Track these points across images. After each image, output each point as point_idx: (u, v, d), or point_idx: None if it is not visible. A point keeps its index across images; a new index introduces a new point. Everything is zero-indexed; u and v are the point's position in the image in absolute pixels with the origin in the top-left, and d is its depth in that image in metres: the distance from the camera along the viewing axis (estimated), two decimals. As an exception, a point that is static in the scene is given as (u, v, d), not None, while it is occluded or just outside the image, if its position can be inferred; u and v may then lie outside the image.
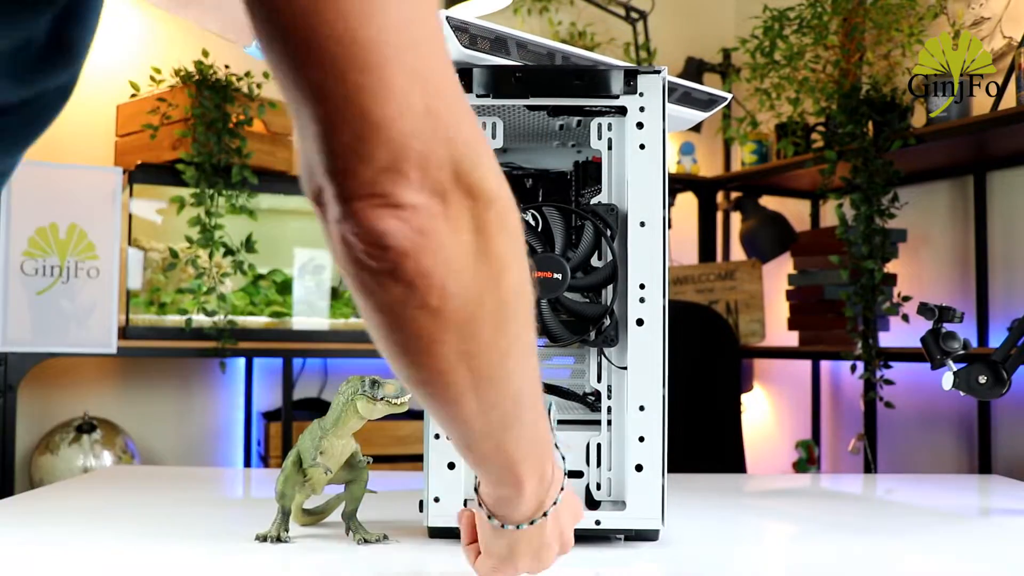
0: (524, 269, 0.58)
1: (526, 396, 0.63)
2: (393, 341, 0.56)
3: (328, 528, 1.07)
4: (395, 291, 0.52)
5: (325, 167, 0.49)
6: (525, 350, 0.61)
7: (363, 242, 0.50)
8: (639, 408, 0.98)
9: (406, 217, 0.50)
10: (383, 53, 0.48)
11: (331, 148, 0.49)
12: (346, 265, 0.52)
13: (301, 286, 2.88)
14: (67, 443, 2.51)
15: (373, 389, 0.94)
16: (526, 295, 0.59)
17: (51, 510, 1.22)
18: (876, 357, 2.40)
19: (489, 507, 0.74)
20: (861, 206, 2.38)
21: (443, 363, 0.56)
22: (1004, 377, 1.24)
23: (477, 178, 0.52)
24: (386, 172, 0.49)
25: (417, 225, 0.50)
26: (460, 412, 0.61)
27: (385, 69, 0.48)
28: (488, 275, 0.54)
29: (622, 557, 0.96)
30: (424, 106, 0.49)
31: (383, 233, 0.50)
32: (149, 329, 2.55)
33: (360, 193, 0.49)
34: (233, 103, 2.47)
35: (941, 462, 2.66)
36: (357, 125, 0.48)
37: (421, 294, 0.52)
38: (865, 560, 1.01)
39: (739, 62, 3.03)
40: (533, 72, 1.01)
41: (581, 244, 1.00)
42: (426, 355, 0.56)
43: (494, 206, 0.53)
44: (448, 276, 0.52)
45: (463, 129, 0.52)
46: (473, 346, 0.56)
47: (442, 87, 0.51)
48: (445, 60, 0.52)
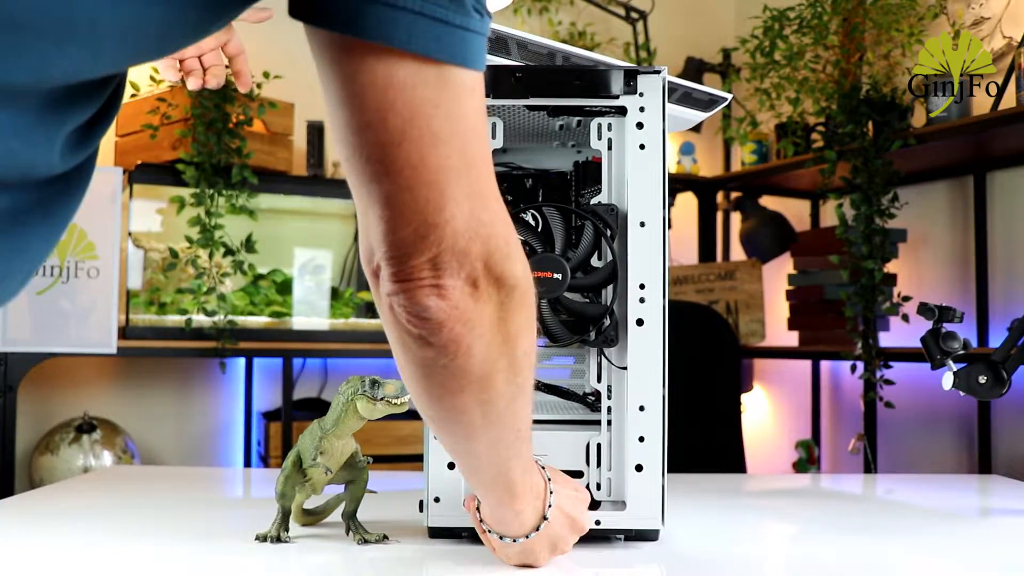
0: (533, 335, 0.71)
1: (523, 431, 0.76)
2: (423, 387, 0.69)
3: (328, 528, 1.07)
4: (429, 351, 0.65)
5: (385, 254, 0.62)
6: (527, 395, 0.73)
7: (408, 313, 0.63)
8: (639, 408, 0.98)
9: (445, 296, 0.62)
10: (445, 174, 0.59)
11: (392, 241, 0.61)
12: (392, 327, 0.65)
13: (301, 286, 2.88)
14: (67, 443, 2.51)
15: (373, 389, 0.94)
16: (532, 354, 0.71)
17: (51, 510, 1.22)
18: (876, 357, 2.40)
19: (497, 529, 0.87)
20: (861, 206, 2.38)
21: (462, 406, 0.70)
22: (1004, 377, 1.24)
23: (505, 268, 0.64)
24: (433, 262, 0.61)
25: (453, 303, 0.63)
26: (473, 445, 0.75)
27: (446, 187, 0.60)
28: (504, 341, 0.67)
29: (622, 557, 0.96)
30: (470, 212, 0.61)
31: (426, 307, 0.62)
32: (149, 329, 2.55)
33: (412, 276, 0.62)
34: (233, 103, 2.47)
35: (941, 462, 2.66)
36: (416, 226, 0.60)
37: (451, 354, 0.65)
38: (865, 560, 1.01)
39: (739, 62, 3.03)
40: (533, 72, 1.01)
41: (581, 244, 1.00)
42: (449, 399, 0.69)
43: (516, 290, 0.66)
44: (473, 342, 0.65)
45: (498, 228, 0.63)
46: (488, 394, 0.69)
47: (486, 195, 0.62)
48: (489, 171, 0.63)
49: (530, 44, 1.02)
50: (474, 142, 0.61)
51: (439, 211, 0.60)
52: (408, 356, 0.67)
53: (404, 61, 0.56)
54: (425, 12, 0.56)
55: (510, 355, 0.68)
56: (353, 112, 0.58)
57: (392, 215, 0.60)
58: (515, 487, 0.81)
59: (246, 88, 1.09)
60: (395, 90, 0.57)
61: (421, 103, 0.57)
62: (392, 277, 0.62)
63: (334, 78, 0.58)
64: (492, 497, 0.83)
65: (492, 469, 0.78)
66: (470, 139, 0.60)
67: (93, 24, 0.53)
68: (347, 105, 0.58)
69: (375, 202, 0.60)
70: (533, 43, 1.02)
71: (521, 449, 0.77)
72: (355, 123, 0.58)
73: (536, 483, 0.84)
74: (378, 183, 0.59)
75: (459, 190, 0.60)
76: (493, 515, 0.86)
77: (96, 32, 0.53)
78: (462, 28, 0.57)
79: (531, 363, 0.72)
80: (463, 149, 0.60)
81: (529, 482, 0.82)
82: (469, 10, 0.58)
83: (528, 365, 0.71)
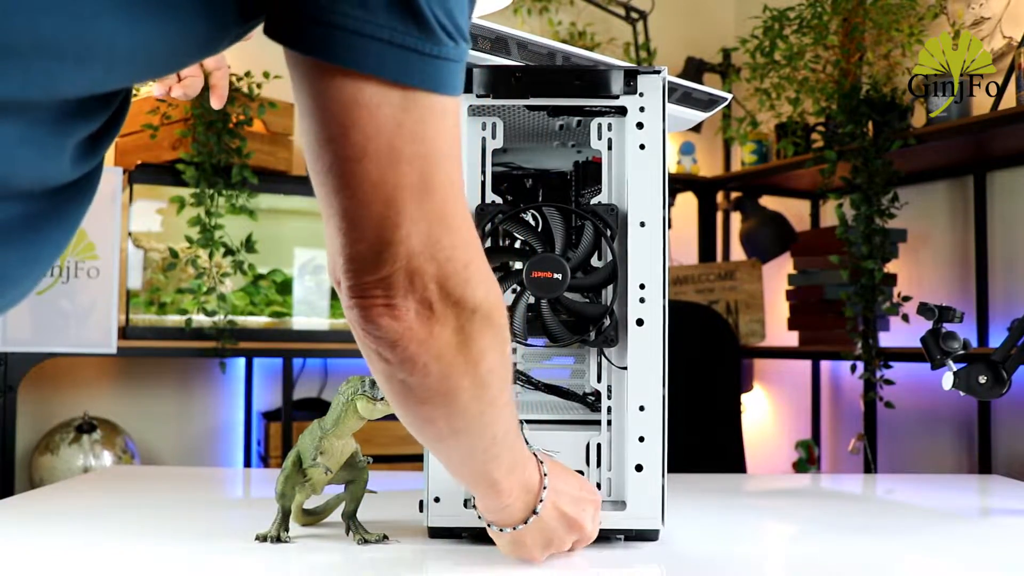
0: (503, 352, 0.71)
1: (501, 436, 0.76)
2: (389, 393, 0.70)
3: (328, 528, 1.07)
4: (389, 365, 0.66)
5: (342, 267, 0.62)
6: (501, 406, 0.73)
7: (363, 330, 0.64)
8: (639, 408, 0.98)
9: (397, 316, 0.63)
10: (405, 193, 0.60)
11: (348, 254, 0.62)
12: (355, 335, 0.67)
13: (301, 286, 2.88)
14: (67, 443, 2.51)
15: (373, 389, 0.94)
16: (502, 371, 0.71)
17: (51, 510, 1.22)
18: (876, 357, 2.40)
19: (486, 517, 0.87)
20: (861, 206, 2.38)
21: (428, 416, 0.71)
22: (1004, 377, 1.24)
23: (465, 293, 0.64)
24: (386, 281, 0.62)
25: (406, 324, 0.63)
26: (442, 450, 0.77)
27: (404, 206, 0.60)
28: (466, 361, 0.67)
29: (622, 557, 0.96)
30: (427, 233, 0.61)
31: (379, 326, 0.63)
32: (149, 329, 2.55)
33: (365, 293, 0.63)
34: (233, 103, 2.47)
35: (941, 462, 2.66)
36: (372, 242, 0.61)
37: (406, 371, 0.66)
38: (865, 560, 1.01)
39: (739, 62, 3.03)
40: (533, 72, 1.01)
41: (581, 244, 1.00)
42: (412, 410, 0.71)
43: (477, 314, 0.66)
44: (430, 361, 0.65)
45: (458, 252, 0.63)
46: (451, 409, 0.70)
47: (449, 217, 0.62)
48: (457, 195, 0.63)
49: (530, 44, 1.02)
50: (439, 164, 0.61)
51: (395, 229, 0.60)
52: (372, 365, 0.68)
53: (371, 83, 0.57)
54: (395, 41, 0.57)
55: (472, 375, 0.68)
56: (319, 125, 0.59)
57: (350, 229, 0.61)
58: (498, 485, 0.81)
59: (220, 104, 1.07)
60: (360, 108, 0.58)
61: (384, 122, 0.58)
62: (349, 292, 0.63)
63: (304, 91, 0.59)
64: (476, 491, 0.84)
65: (469, 471, 0.79)
66: (435, 161, 0.61)
67: (111, 46, 0.54)
68: (314, 118, 0.59)
69: (335, 214, 0.61)
70: (533, 43, 1.02)
71: (500, 453, 0.77)
72: (321, 136, 0.59)
73: (528, 478, 0.83)
74: (338, 196, 0.60)
75: (417, 211, 0.60)
76: (481, 504, 0.86)
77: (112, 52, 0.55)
78: (432, 56, 0.58)
79: (500, 380, 0.72)
80: (424, 170, 0.60)
81: (517, 479, 0.82)
82: (441, 38, 0.58)
83: (496, 381, 0.71)
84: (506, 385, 0.73)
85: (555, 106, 1.03)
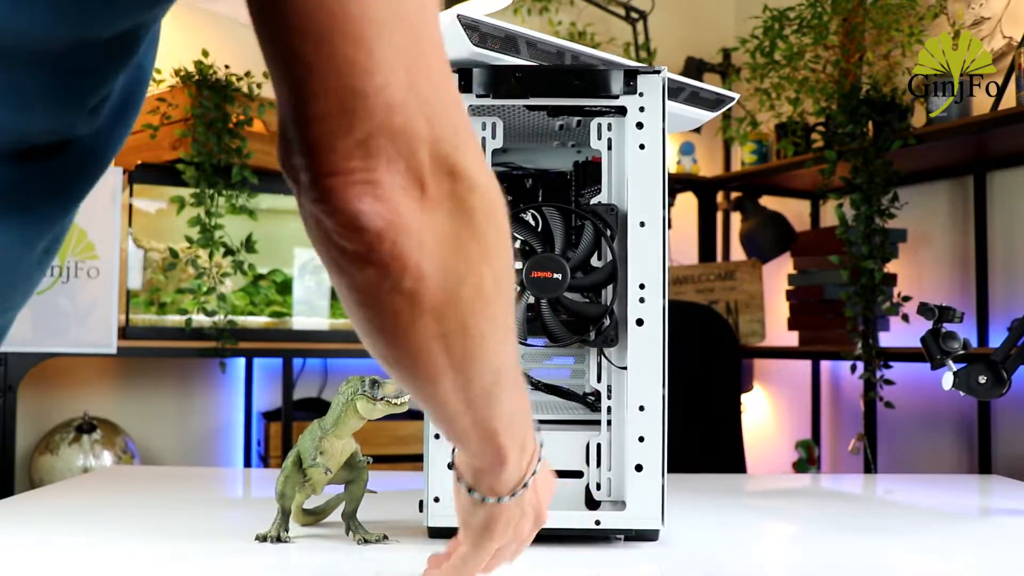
0: (507, 256, 0.57)
1: (504, 375, 0.62)
2: (367, 320, 0.55)
3: (328, 528, 1.07)
4: (369, 273, 0.51)
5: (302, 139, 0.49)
6: (505, 332, 0.60)
7: (337, 223, 0.50)
8: (639, 408, 0.98)
9: (381, 196, 0.49)
10: (372, 27, 0.47)
11: (310, 118, 0.48)
12: (321, 245, 0.52)
13: (301, 286, 2.88)
14: (67, 443, 2.51)
15: (373, 389, 0.94)
16: (507, 282, 0.58)
17: (51, 510, 1.22)
18: (876, 357, 2.40)
19: (469, 480, 0.72)
20: (861, 206, 2.38)
21: (418, 344, 0.55)
22: (1004, 377, 1.24)
23: (459, 161, 0.51)
24: (363, 146, 0.48)
25: (392, 205, 0.49)
26: (436, 391, 0.60)
27: (374, 42, 0.48)
28: (467, 260, 0.53)
29: (622, 557, 0.96)
30: (408, 82, 0.49)
31: (357, 212, 0.49)
32: (149, 329, 2.55)
33: (336, 169, 0.48)
34: (233, 103, 2.47)
35: (941, 462, 2.66)
36: (339, 96, 0.48)
37: (396, 276, 0.51)
38: (865, 560, 1.01)
39: (739, 62, 3.03)
40: (533, 72, 1.01)
41: (581, 244, 1.00)
42: (402, 336, 0.55)
43: (476, 191, 0.53)
44: (423, 258, 0.51)
45: (449, 112, 0.51)
46: (450, 328, 0.55)
47: (430, 67, 0.50)
48: (435, 42, 0.51)
49: (540, 43, 1.02)
50: (415, 3, 0.49)
51: (367, 75, 0.48)
52: (346, 282, 0.53)
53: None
54: None
55: (476, 280, 0.54)
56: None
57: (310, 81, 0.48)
58: (497, 438, 0.66)
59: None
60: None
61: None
62: (314, 173, 0.49)
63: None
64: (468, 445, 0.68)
65: (465, 418, 0.63)
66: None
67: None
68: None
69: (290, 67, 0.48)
70: (543, 42, 1.02)
71: (501, 395, 0.63)
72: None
73: (525, 438, 0.70)
74: (291, 40, 0.47)
75: (392, 53, 0.48)
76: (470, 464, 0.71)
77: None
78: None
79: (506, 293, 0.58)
80: (397, 4, 0.48)
81: (517, 435, 0.68)
82: None
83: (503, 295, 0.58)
84: (511, 302, 0.60)
85: (555, 106, 1.03)
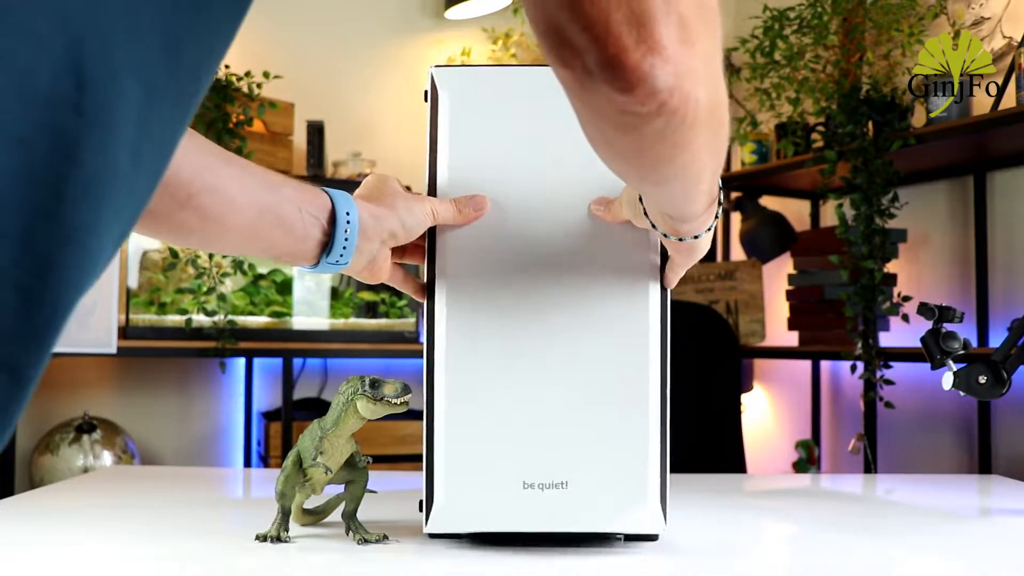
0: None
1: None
2: (647, 160, 0.62)
3: (328, 528, 1.07)
4: (658, 122, 0.55)
5: (582, 23, 0.49)
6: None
7: (631, 94, 0.52)
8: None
9: (667, 55, 0.51)
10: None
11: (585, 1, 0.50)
12: (601, 122, 0.57)
13: (301, 286, 2.88)
14: (67, 443, 2.52)
15: (373, 389, 0.94)
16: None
17: (51, 510, 1.22)
18: (876, 357, 2.40)
19: (659, 224, 0.85)
20: (861, 206, 2.38)
21: (694, 154, 0.62)
22: (1004, 377, 1.24)
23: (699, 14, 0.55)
24: (635, 13, 0.50)
25: (678, 58, 0.52)
26: (701, 181, 0.71)
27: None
28: (718, 67, 0.57)
29: (622, 557, 0.96)
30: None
31: (651, 78, 0.51)
32: (149, 329, 2.56)
33: (621, 44, 0.50)
34: (233, 103, 2.48)
35: (941, 462, 2.66)
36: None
37: (681, 115, 0.55)
38: (865, 560, 1.01)
39: (739, 62, 3.03)
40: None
41: (581, 244, 1.00)
42: (681, 154, 0.61)
43: (717, 22, 0.56)
44: (699, 88, 0.55)
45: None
46: (715, 131, 0.61)
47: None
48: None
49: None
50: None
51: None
52: (626, 141, 0.58)
53: None
54: None
55: (716, 77, 0.58)
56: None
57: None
58: (712, 191, 0.78)
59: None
60: None
61: None
62: (599, 54, 0.50)
63: None
64: (691, 207, 0.79)
65: (707, 187, 0.74)
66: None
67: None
68: None
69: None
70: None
71: (718, 167, 0.72)
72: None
73: (714, 189, 0.80)
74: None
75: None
76: (678, 215, 0.81)
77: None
78: None
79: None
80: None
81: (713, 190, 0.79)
82: None
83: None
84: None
85: (555, 106, 1.03)
